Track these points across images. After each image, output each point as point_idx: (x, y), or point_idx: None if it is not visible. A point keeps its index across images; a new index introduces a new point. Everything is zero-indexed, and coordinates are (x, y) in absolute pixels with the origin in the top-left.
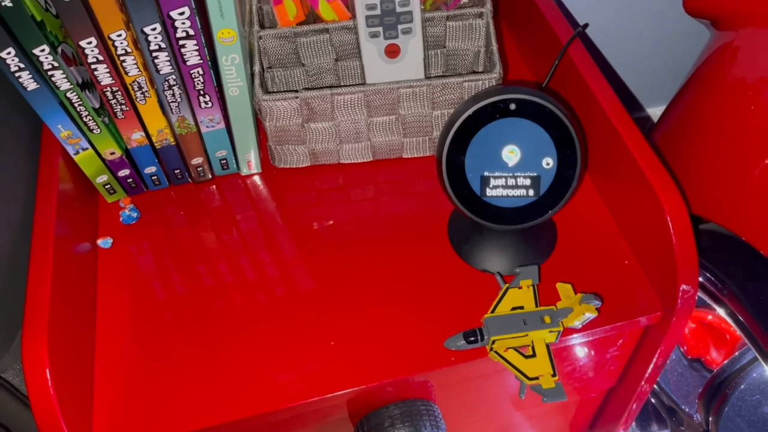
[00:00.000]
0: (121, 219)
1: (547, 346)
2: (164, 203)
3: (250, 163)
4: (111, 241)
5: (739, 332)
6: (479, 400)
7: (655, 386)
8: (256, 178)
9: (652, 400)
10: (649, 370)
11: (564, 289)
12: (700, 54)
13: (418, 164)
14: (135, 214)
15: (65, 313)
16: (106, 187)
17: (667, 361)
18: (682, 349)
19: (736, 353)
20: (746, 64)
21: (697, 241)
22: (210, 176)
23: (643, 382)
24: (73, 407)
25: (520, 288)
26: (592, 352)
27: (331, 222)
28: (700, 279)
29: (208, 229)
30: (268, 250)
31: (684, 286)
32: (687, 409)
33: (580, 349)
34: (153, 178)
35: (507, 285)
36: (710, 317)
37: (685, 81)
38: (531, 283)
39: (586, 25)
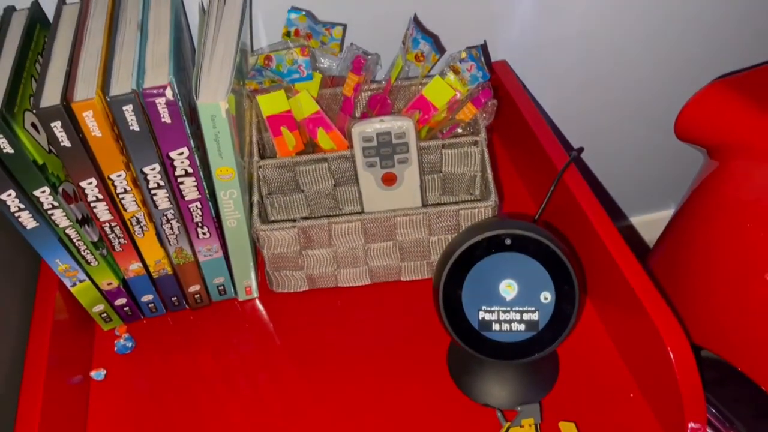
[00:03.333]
0: (115, 349)
1: None
2: (161, 330)
3: (249, 288)
4: (104, 372)
5: None
6: None
7: None
8: (254, 303)
9: None
10: None
11: (567, 428)
12: (695, 178)
13: (416, 287)
14: (130, 344)
15: None
16: (102, 315)
17: None
18: None
19: None
20: (741, 192)
21: (702, 373)
22: (207, 302)
23: None
24: None
25: (521, 426)
26: None
27: (329, 345)
28: (708, 416)
29: (205, 354)
30: (266, 373)
31: (692, 424)
32: None
33: None
34: (150, 305)
35: (508, 424)
36: None
37: (680, 206)
38: (533, 422)
39: (581, 149)
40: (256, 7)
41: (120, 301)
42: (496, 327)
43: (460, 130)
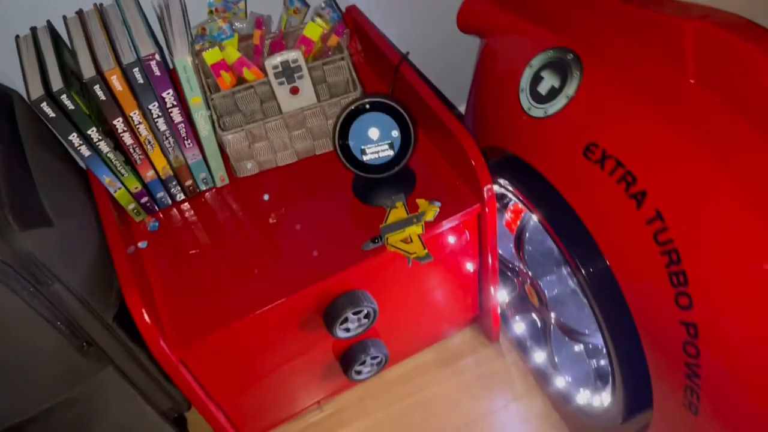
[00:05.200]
0: (148, 228)
1: (419, 235)
2: (172, 214)
3: (222, 177)
4: (146, 243)
5: (520, 204)
6: (394, 282)
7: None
8: (228, 187)
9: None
10: (489, 247)
11: (421, 202)
12: (477, 57)
13: (327, 156)
14: (157, 224)
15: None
16: (134, 211)
17: (497, 239)
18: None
19: (523, 216)
20: (499, 58)
21: (488, 160)
22: (198, 191)
23: (489, 256)
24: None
25: (396, 207)
26: (452, 242)
27: (279, 199)
28: (503, 183)
29: (205, 222)
30: (243, 225)
31: (486, 187)
32: (515, 264)
33: (446, 245)
34: (162, 199)
35: (390, 207)
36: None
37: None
38: (402, 203)
39: (407, 53)
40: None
41: (144, 200)
42: (372, 156)
43: (331, 53)
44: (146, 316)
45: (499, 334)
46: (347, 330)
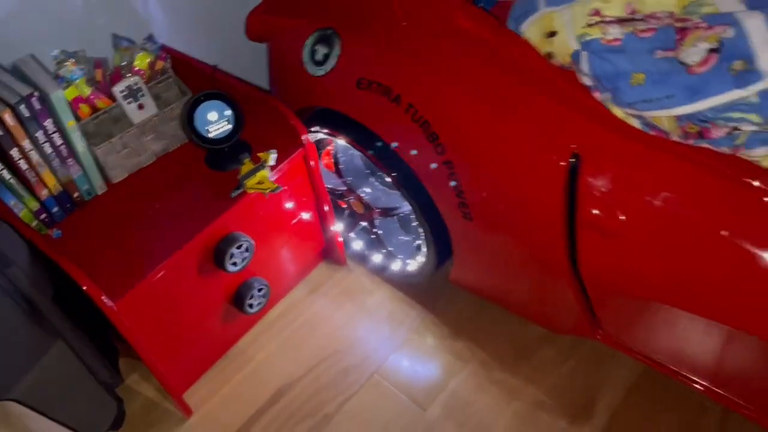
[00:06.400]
0: (53, 236)
1: (267, 177)
2: (69, 223)
3: (100, 185)
4: (60, 232)
5: (332, 138)
6: (260, 221)
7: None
8: (107, 192)
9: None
10: (317, 181)
11: (261, 155)
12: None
13: (181, 149)
14: (59, 232)
15: None
16: (37, 227)
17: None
18: (329, 169)
19: (335, 147)
20: (284, 48)
21: (307, 116)
22: (85, 201)
23: (319, 191)
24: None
25: (245, 164)
26: (291, 181)
27: (152, 186)
28: (314, 129)
29: (92, 221)
30: (135, 213)
31: (303, 137)
32: (340, 189)
33: (287, 183)
34: (57, 213)
35: (241, 165)
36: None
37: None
38: (248, 159)
39: (216, 65)
40: (43, 55)
41: (43, 216)
42: (216, 132)
43: (160, 75)
44: (87, 278)
45: (345, 258)
46: (235, 264)
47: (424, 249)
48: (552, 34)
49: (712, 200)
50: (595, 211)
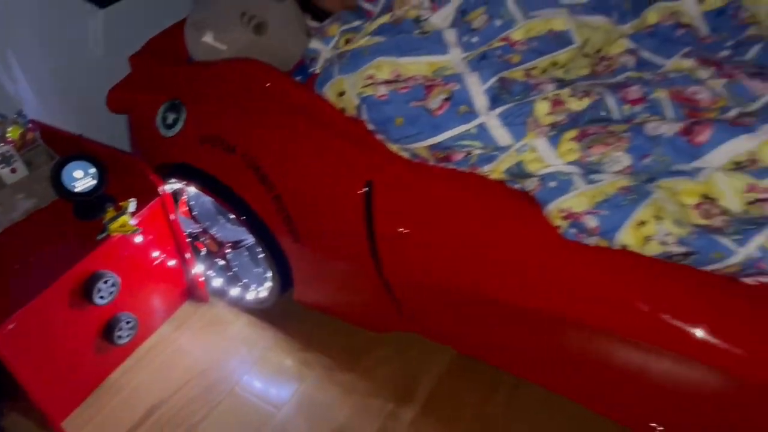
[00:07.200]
0: None
1: (128, 221)
2: None
3: None
4: None
5: (185, 187)
6: (123, 261)
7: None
8: None
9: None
10: (175, 227)
11: (122, 204)
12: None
13: (51, 206)
14: None
15: None
16: None
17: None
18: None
19: (187, 194)
20: (142, 117)
21: (163, 171)
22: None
23: (179, 240)
24: None
25: (108, 211)
26: (149, 241)
27: (27, 237)
28: (170, 181)
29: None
30: (8, 257)
31: (159, 188)
32: (196, 231)
33: (147, 228)
34: None
35: (105, 213)
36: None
37: None
38: (111, 207)
39: (81, 134)
40: None
41: None
42: (82, 187)
43: (31, 143)
44: None
45: (207, 295)
46: (102, 297)
47: (269, 274)
48: (342, 93)
49: (467, 204)
50: (388, 225)
